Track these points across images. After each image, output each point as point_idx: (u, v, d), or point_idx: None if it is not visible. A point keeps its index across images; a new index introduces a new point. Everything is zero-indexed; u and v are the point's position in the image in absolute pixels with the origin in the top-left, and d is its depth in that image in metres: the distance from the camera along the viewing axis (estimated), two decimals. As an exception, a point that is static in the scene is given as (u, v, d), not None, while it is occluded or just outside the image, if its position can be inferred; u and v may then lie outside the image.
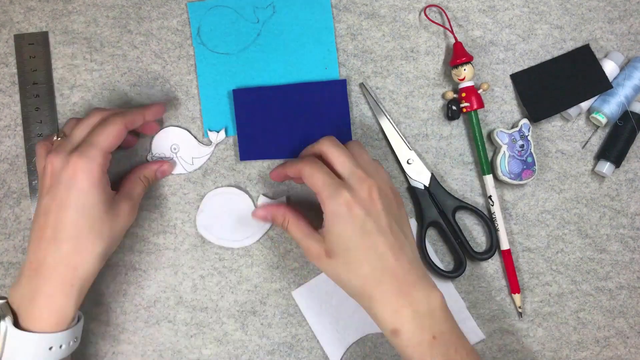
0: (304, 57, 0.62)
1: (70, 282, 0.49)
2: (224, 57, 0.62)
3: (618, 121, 0.63)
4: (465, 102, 0.61)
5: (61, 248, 0.49)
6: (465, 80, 0.61)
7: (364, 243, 0.49)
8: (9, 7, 0.62)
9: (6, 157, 0.62)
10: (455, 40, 0.62)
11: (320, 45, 0.62)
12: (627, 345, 0.63)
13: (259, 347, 0.62)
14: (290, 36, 0.62)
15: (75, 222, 0.49)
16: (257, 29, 0.61)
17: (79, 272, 0.49)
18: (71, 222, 0.49)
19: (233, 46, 0.62)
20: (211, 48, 0.62)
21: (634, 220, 0.64)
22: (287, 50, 0.62)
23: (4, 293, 0.61)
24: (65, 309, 0.49)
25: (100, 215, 0.50)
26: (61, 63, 0.62)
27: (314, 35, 0.62)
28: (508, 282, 0.62)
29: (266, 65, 0.62)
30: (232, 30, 0.62)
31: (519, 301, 0.62)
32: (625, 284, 0.64)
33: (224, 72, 0.62)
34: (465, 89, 0.61)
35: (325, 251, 0.51)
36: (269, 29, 0.62)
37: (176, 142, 0.62)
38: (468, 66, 0.60)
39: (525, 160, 0.62)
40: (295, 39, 0.62)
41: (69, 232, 0.49)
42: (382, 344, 0.62)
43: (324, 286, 0.62)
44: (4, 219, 0.61)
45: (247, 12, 0.62)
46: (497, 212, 0.62)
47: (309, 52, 0.62)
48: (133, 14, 0.63)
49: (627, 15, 0.65)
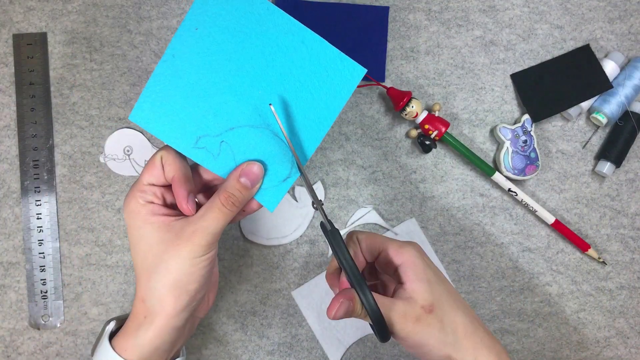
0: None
1: (143, 313, 0.45)
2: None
3: (618, 121, 0.63)
4: (433, 131, 0.60)
5: (139, 282, 0.46)
6: (419, 114, 0.61)
7: (448, 289, 0.46)
8: (9, 6, 0.62)
9: (6, 157, 0.62)
10: (386, 88, 0.61)
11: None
12: (627, 346, 0.63)
13: (259, 347, 0.62)
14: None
15: (136, 262, 0.46)
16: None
17: (147, 305, 0.45)
18: (135, 263, 0.46)
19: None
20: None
21: (634, 220, 0.64)
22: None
23: (3, 294, 0.61)
24: (140, 342, 0.45)
25: (153, 252, 0.45)
26: (61, 63, 0.62)
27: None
28: (575, 245, 0.63)
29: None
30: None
31: (595, 254, 0.63)
32: (625, 284, 0.64)
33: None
34: (425, 121, 0.61)
35: (424, 307, 0.44)
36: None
37: (129, 144, 0.62)
38: (413, 101, 0.60)
39: (529, 156, 0.62)
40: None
41: (137, 271, 0.46)
42: (382, 344, 0.62)
43: (324, 286, 0.62)
44: (3, 219, 0.61)
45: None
46: (525, 198, 0.62)
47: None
48: (133, 14, 0.63)
49: (627, 15, 0.65)
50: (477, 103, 0.64)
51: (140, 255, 0.45)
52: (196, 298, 0.45)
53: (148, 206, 0.45)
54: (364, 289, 0.42)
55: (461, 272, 0.63)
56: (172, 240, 0.44)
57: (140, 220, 0.45)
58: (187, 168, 0.47)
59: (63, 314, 0.61)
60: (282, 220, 0.62)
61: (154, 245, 0.44)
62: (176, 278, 0.44)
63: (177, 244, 0.44)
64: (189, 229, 0.44)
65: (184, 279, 0.44)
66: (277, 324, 0.62)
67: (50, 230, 0.61)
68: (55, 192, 0.61)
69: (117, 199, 0.62)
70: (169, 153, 0.46)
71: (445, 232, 0.63)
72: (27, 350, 0.60)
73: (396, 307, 0.44)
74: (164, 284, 0.44)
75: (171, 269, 0.44)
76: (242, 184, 0.45)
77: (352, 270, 0.43)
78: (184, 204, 0.45)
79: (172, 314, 0.44)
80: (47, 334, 0.61)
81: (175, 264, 0.43)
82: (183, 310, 0.44)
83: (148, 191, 0.45)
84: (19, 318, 0.61)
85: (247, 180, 0.45)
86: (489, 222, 0.63)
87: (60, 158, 0.62)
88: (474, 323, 0.45)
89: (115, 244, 0.61)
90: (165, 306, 0.44)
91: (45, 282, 0.61)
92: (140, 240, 0.45)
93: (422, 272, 0.45)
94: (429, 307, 0.44)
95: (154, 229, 0.44)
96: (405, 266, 0.46)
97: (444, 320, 0.44)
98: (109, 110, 0.62)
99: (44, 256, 0.61)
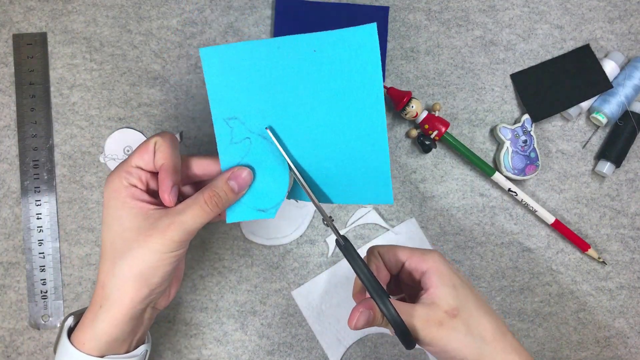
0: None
1: (100, 302, 0.44)
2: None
3: (618, 121, 0.63)
4: (433, 131, 0.61)
5: (102, 266, 0.45)
6: (419, 114, 0.61)
7: (474, 294, 0.45)
8: (9, 6, 0.62)
9: (6, 157, 0.62)
10: (386, 88, 0.61)
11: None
12: (627, 346, 0.63)
13: (259, 347, 0.62)
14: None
15: (104, 242, 0.45)
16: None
17: (106, 291, 0.44)
18: (104, 243, 0.45)
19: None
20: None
21: (634, 220, 0.64)
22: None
23: (3, 294, 0.61)
24: (97, 333, 0.44)
25: (125, 237, 0.44)
26: (61, 63, 0.62)
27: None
28: (575, 245, 0.62)
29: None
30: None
31: (595, 254, 0.63)
32: (625, 284, 0.64)
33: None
34: (425, 120, 0.61)
35: (447, 312, 0.43)
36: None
37: (130, 144, 0.62)
38: (413, 101, 0.60)
39: (529, 156, 0.62)
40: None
41: (102, 252, 0.45)
42: (382, 344, 0.62)
43: (324, 286, 0.62)
44: (3, 219, 0.61)
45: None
46: (525, 198, 0.62)
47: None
48: (133, 14, 0.63)
49: (627, 15, 0.65)
50: (477, 103, 0.64)
51: (110, 238, 0.44)
52: (156, 292, 0.45)
53: (130, 189, 0.44)
54: (382, 297, 0.42)
55: (461, 272, 0.63)
56: (146, 229, 0.43)
57: (120, 201, 0.44)
58: (178, 159, 0.46)
59: (63, 314, 0.61)
60: (282, 220, 0.62)
61: (127, 230, 0.43)
62: (141, 269, 0.43)
63: (150, 234, 0.43)
64: (166, 221, 0.43)
65: (148, 272, 0.43)
66: (277, 324, 0.62)
67: (50, 230, 0.61)
68: (55, 192, 0.61)
69: (117, 199, 0.62)
70: (164, 140, 0.45)
71: (445, 232, 0.63)
72: (27, 350, 0.60)
73: (417, 312, 0.43)
74: (127, 273, 0.43)
75: (138, 259, 0.43)
76: (229, 187, 0.44)
77: (368, 280, 0.43)
78: (167, 194, 0.44)
79: (129, 305, 0.44)
80: (47, 334, 0.61)
81: (143, 254, 0.43)
82: (141, 302, 0.44)
83: (134, 173, 0.44)
84: (19, 318, 0.61)
85: (235, 183, 0.45)
86: (489, 222, 0.63)
87: (60, 158, 0.62)
88: (501, 328, 0.44)
89: (115, 244, 0.61)
90: (124, 295, 0.43)
91: (45, 282, 0.61)
92: (114, 221, 0.44)
93: (447, 278, 0.45)
94: (452, 311, 0.43)
95: (130, 214, 0.43)
96: (430, 272, 0.45)
97: (470, 324, 0.43)
98: (109, 110, 0.62)
99: (44, 256, 0.61)
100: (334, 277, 0.62)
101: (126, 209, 0.44)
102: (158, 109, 0.62)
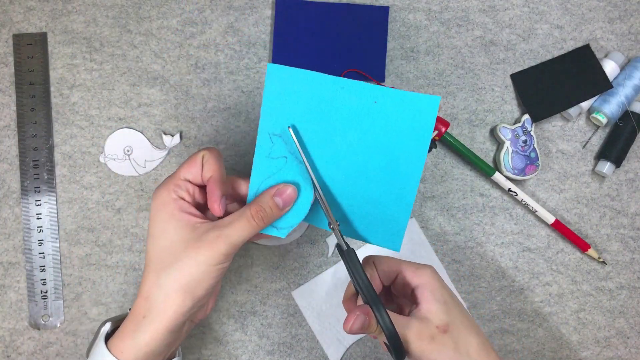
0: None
1: (143, 313, 0.44)
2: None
3: (618, 121, 0.63)
4: (433, 131, 0.60)
5: (146, 278, 0.45)
6: None
7: (463, 311, 0.46)
8: (9, 6, 0.62)
9: (6, 157, 0.62)
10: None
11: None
12: (627, 346, 0.63)
13: (259, 347, 0.62)
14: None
15: (150, 254, 0.45)
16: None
17: (150, 302, 0.44)
18: (149, 254, 0.45)
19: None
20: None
21: (634, 220, 0.64)
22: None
23: (3, 294, 0.61)
24: (138, 343, 0.44)
25: (172, 249, 0.44)
26: (61, 63, 0.62)
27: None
28: (575, 245, 0.63)
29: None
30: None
31: (595, 254, 0.63)
32: (625, 284, 0.64)
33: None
34: None
35: (439, 327, 0.44)
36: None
37: (130, 144, 0.62)
38: None
39: (529, 156, 0.62)
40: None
41: (147, 264, 0.45)
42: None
43: (324, 286, 0.62)
44: (3, 219, 0.61)
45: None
46: (525, 198, 0.62)
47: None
48: (133, 14, 0.63)
49: (627, 15, 0.65)
50: (477, 103, 0.64)
51: (157, 250, 0.44)
52: (198, 305, 0.45)
53: (179, 201, 0.45)
54: (379, 306, 0.42)
55: (461, 272, 0.63)
56: (193, 241, 0.44)
57: (168, 213, 0.44)
58: (224, 172, 0.47)
59: (63, 314, 0.61)
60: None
61: (174, 242, 0.44)
62: (187, 281, 0.43)
63: (198, 247, 0.43)
64: (213, 234, 0.44)
65: (194, 284, 0.44)
66: (277, 324, 0.62)
67: (50, 230, 0.61)
68: (55, 192, 0.61)
69: (117, 199, 0.62)
70: (211, 154, 0.46)
71: (445, 232, 0.63)
72: (27, 350, 0.60)
73: (411, 325, 0.44)
74: (173, 285, 0.43)
75: (184, 271, 0.43)
76: (274, 202, 0.45)
77: (367, 289, 0.43)
78: (216, 203, 0.45)
79: (174, 316, 0.44)
80: (47, 334, 0.61)
81: (189, 266, 0.43)
82: (184, 315, 0.44)
83: (182, 186, 0.45)
84: (19, 318, 0.61)
85: (280, 200, 0.45)
86: (489, 222, 0.63)
87: (60, 158, 0.62)
88: (486, 346, 0.45)
89: (115, 244, 0.61)
90: (168, 307, 0.44)
91: (45, 282, 0.61)
92: (161, 234, 0.44)
93: (439, 294, 0.45)
94: (444, 327, 0.44)
95: (178, 226, 0.44)
96: (422, 287, 0.46)
97: (459, 341, 0.44)
98: (109, 110, 0.62)
99: (44, 256, 0.61)
100: (333, 277, 0.62)
101: (173, 222, 0.44)
102: (158, 109, 0.62)
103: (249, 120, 0.63)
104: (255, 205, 0.45)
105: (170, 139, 0.62)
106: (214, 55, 0.63)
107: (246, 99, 0.63)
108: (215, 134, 0.63)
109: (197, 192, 0.46)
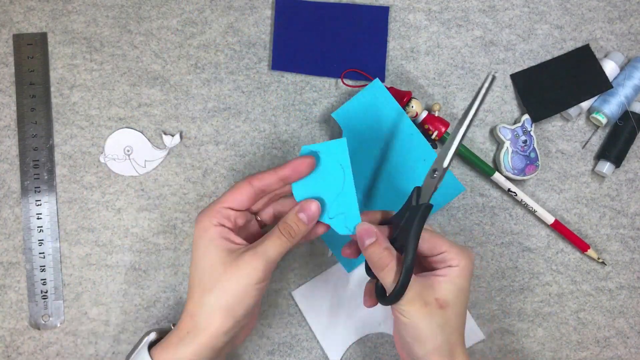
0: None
1: (187, 329, 0.47)
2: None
3: (618, 121, 0.63)
4: (433, 131, 0.60)
5: (190, 298, 0.48)
6: (419, 114, 0.61)
7: (465, 302, 0.48)
8: (9, 7, 0.62)
9: (6, 157, 0.62)
10: (385, 87, 0.61)
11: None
12: (627, 346, 0.63)
13: (259, 347, 0.62)
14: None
15: (193, 276, 0.48)
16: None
17: (195, 320, 0.47)
18: (192, 276, 0.48)
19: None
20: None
21: (634, 220, 0.64)
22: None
23: (3, 294, 0.61)
24: (179, 356, 0.47)
25: (212, 271, 0.47)
26: (61, 63, 0.62)
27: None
28: (575, 245, 0.63)
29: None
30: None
31: (595, 254, 0.63)
32: (625, 284, 0.64)
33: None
34: (425, 121, 0.61)
35: (438, 300, 0.46)
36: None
37: (130, 144, 0.62)
38: (413, 101, 0.60)
39: (529, 156, 0.62)
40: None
41: (191, 285, 0.48)
42: (382, 344, 0.62)
43: (324, 286, 0.62)
44: (4, 219, 0.61)
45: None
46: (525, 198, 0.62)
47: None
48: (133, 14, 0.63)
49: (627, 15, 0.65)
50: (477, 103, 0.64)
51: (198, 273, 0.47)
52: (240, 324, 0.47)
53: (219, 227, 0.48)
54: (414, 250, 0.45)
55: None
56: (231, 261, 0.46)
57: (207, 239, 0.47)
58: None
59: (63, 314, 0.61)
60: None
61: (214, 265, 0.47)
62: (227, 300, 0.46)
63: (237, 266, 0.46)
64: (249, 253, 0.46)
65: (234, 302, 0.46)
66: (277, 324, 0.62)
67: (50, 230, 0.61)
68: (55, 192, 0.61)
69: (117, 199, 0.62)
70: (255, 183, 0.49)
71: (445, 232, 0.63)
72: (27, 350, 0.61)
73: (416, 283, 0.46)
74: (215, 303, 0.46)
75: (225, 291, 0.46)
76: (299, 218, 0.48)
77: (414, 244, 0.46)
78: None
79: (215, 334, 0.46)
80: (47, 334, 0.61)
81: (229, 286, 0.46)
82: (226, 333, 0.46)
83: (224, 213, 0.48)
84: (19, 318, 0.61)
85: (304, 216, 0.48)
86: (489, 222, 0.63)
87: (60, 158, 0.62)
88: (463, 348, 0.47)
89: (115, 244, 0.61)
90: (211, 325, 0.46)
91: (45, 282, 0.61)
92: (203, 257, 0.47)
93: (462, 279, 0.47)
94: (442, 303, 0.46)
95: (217, 250, 0.47)
96: (454, 267, 0.48)
97: (448, 324, 0.46)
98: (109, 110, 0.62)
99: (44, 256, 0.61)
100: (334, 277, 0.62)
101: (212, 247, 0.47)
102: (158, 109, 0.62)
103: (249, 120, 0.63)
104: (283, 222, 0.48)
105: (170, 139, 0.62)
106: (214, 55, 0.63)
107: (246, 99, 0.63)
108: (215, 134, 0.63)
109: (238, 217, 0.49)
